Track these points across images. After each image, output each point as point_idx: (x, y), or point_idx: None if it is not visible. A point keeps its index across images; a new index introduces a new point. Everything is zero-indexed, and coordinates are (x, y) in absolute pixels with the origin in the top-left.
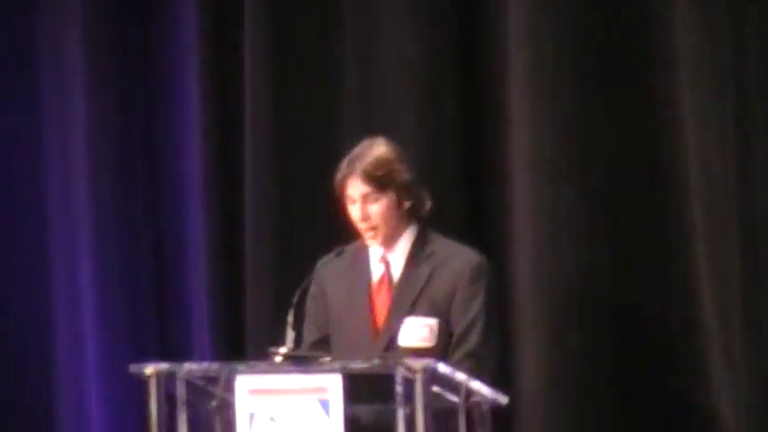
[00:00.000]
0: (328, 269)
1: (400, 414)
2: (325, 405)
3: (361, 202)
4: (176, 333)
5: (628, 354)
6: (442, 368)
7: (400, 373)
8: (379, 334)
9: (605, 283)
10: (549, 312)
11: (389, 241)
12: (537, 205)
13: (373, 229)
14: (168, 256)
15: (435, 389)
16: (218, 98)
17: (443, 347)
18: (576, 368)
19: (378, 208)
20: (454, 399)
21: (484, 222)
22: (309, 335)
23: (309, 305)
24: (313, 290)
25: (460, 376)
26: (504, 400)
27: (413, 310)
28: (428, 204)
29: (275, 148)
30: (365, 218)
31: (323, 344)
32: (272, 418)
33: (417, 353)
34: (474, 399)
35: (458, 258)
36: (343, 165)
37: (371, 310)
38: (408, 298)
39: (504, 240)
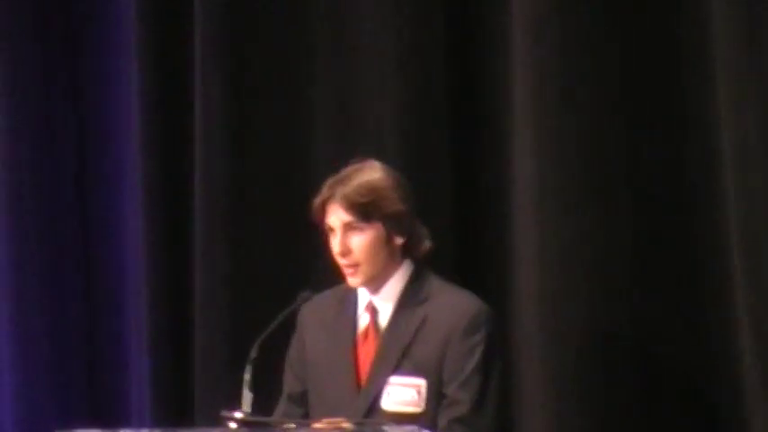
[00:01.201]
0: (310, 315)
1: None
2: None
3: (341, 234)
4: (110, 392)
5: (656, 419)
6: None
7: None
8: (361, 394)
9: (625, 330)
10: (560, 372)
11: (376, 282)
12: (543, 244)
13: (354, 266)
14: (100, 298)
15: None
16: (159, 101)
17: (435, 413)
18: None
19: (361, 241)
20: None
21: (478, 266)
22: (288, 387)
23: (290, 354)
24: (295, 337)
25: None
26: None
27: (399, 366)
28: (427, 243)
29: (230, 160)
30: (346, 252)
31: (303, 398)
32: None
33: (403, 419)
34: None
35: (454, 306)
36: (324, 187)
37: (355, 366)
38: (394, 353)
39: (503, 287)
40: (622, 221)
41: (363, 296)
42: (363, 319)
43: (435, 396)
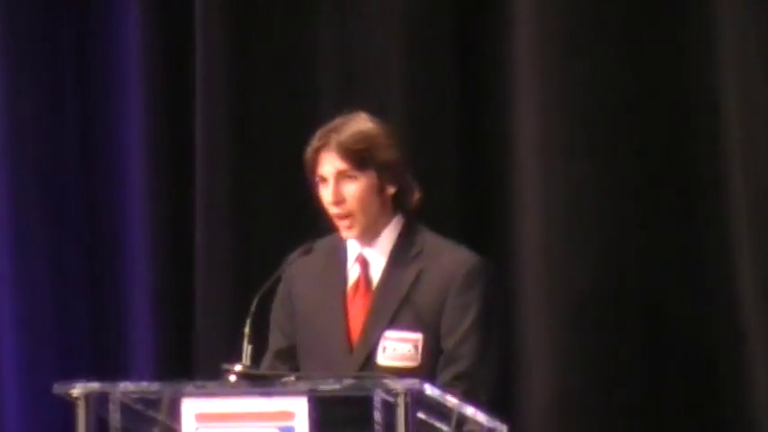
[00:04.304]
0: (298, 267)
1: None
2: None
3: (334, 182)
4: (112, 346)
5: (658, 372)
6: (430, 390)
7: (379, 396)
8: (354, 349)
9: (631, 286)
10: (563, 324)
11: (368, 235)
12: (547, 194)
13: (348, 216)
14: (104, 253)
15: (421, 415)
16: (163, 74)
17: (431, 368)
18: (597, 391)
19: (355, 189)
20: (444, 428)
21: (482, 218)
22: (274, 343)
23: (275, 309)
24: (280, 291)
25: (452, 401)
26: (503, 430)
27: (394, 321)
28: (417, 194)
29: (231, 129)
30: (339, 201)
31: (290, 354)
32: None
33: (399, 374)
34: (468, 428)
35: (449, 259)
36: (316, 137)
37: (345, 320)
38: (389, 307)
39: (507, 238)
40: (629, 168)
41: (353, 248)
42: (354, 272)
43: (432, 351)
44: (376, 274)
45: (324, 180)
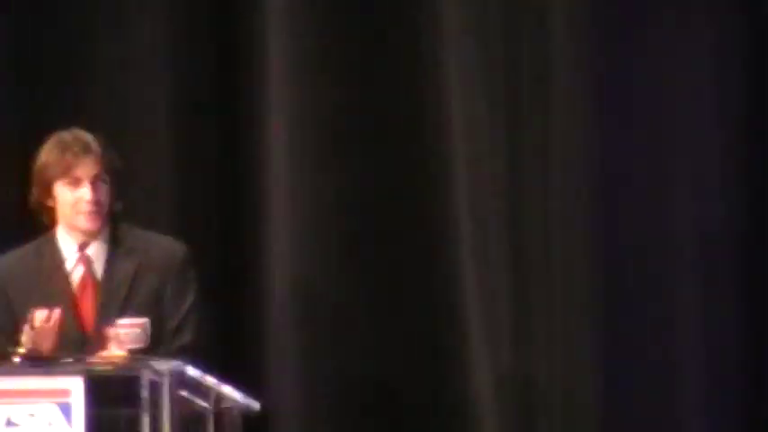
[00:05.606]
0: (9, 273)
1: (146, 420)
2: (66, 410)
3: (91, 184)
4: None
5: (392, 366)
6: (192, 371)
7: (146, 376)
8: (89, 341)
9: (362, 290)
10: (303, 322)
11: (92, 234)
12: (294, 202)
13: (99, 214)
14: None
15: (184, 393)
16: None
17: (156, 345)
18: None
19: (106, 191)
20: (204, 404)
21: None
22: None
23: None
24: None
25: (210, 381)
26: (255, 405)
27: (124, 311)
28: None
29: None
30: (97, 200)
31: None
32: (8, 423)
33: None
34: (225, 405)
35: (161, 252)
36: (67, 142)
37: (78, 315)
38: (117, 299)
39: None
40: (365, 183)
41: (69, 248)
42: (77, 271)
43: (156, 331)
44: (99, 270)
45: (78, 181)
